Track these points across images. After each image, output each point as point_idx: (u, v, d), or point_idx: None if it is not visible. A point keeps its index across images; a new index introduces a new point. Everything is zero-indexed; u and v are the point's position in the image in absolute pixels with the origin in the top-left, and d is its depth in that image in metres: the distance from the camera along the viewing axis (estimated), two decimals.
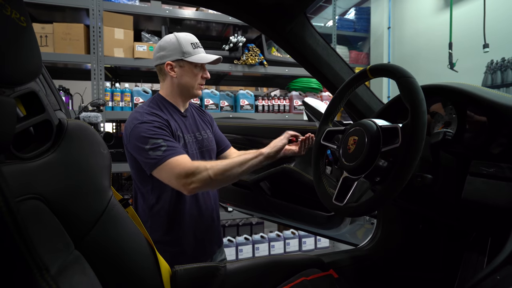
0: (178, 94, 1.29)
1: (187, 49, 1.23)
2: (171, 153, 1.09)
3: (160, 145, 1.09)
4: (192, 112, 1.38)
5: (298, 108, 3.14)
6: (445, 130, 0.78)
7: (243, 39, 2.88)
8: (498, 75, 2.93)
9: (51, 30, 2.48)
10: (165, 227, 1.22)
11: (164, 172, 1.09)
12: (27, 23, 0.53)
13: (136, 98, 2.70)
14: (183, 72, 1.25)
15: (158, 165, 1.08)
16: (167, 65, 1.23)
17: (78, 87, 3.10)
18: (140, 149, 1.10)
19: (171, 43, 1.23)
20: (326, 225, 1.32)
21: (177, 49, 1.22)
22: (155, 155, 1.08)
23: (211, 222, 1.33)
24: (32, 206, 0.53)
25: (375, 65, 0.78)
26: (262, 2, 0.92)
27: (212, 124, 1.45)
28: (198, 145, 1.30)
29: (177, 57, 1.23)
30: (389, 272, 1.14)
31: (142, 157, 1.11)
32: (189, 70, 1.25)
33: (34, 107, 0.58)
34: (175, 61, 1.24)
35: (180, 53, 1.23)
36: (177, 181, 1.07)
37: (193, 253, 1.25)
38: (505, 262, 0.57)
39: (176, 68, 1.24)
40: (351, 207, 0.74)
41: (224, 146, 1.46)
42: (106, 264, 0.66)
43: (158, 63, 1.26)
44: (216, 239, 1.38)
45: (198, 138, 1.32)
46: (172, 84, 1.27)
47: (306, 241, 3.11)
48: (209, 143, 1.35)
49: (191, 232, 1.25)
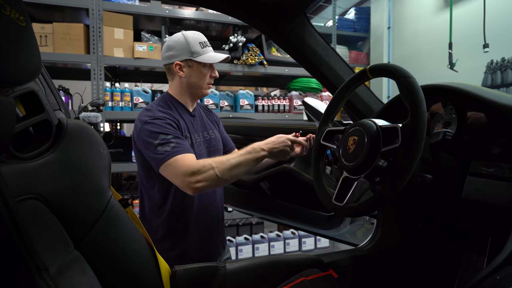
0: (187, 94, 1.28)
1: (196, 49, 1.22)
2: (179, 150, 1.07)
3: (169, 141, 1.08)
4: (200, 111, 1.38)
5: (298, 108, 3.14)
6: (445, 130, 0.78)
7: (243, 39, 2.88)
8: (498, 75, 2.93)
9: (51, 30, 2.48)
10: (171, 228, 1.21)
11: (170, 169, 1.07)
12: (27, 23, 0.53)
13: (136, 98, 2.70)
14: (191, 72, 1.24)
15: (165, 160, 1.06)
16: (175, 65, 1.23)
17: (77, 87, 3.10)
18: (149, 144, 1.09)
19: (180, 43, 1.22)
20: (326, 225, 1.32)
21: (186, 49, 1.21)
22: (163, 150, 1.07)
23: (217, 223, 1.33)
24: (31, 206, 0.53)
25: (375, 65, 0.78)
26: (262, 2, 0.92)
27: (219, 124, 1.45)
28: (206, 144, 1.30)
29: (185, 57, 1.22)
30: (389, 272, 1.14)
31: (150, 152, 1.09)
32: (197, 70, 1.24)
33: (33, 107, 0.58)
34: (183, 61, 1.23)
35: (189, 53, 1.22)
36: (182, 180, 1.05)
37: (198, 253, 1.25)
38: (505, 262, 0.57)
39: (185, 68, 1.23)
40: (351, 207, 0.74)
41: (229, 148, 1.46)
42: (105, 264, 0.66)
43: (167, 63, 1.25)
44: (221, 240, 1.37)
45: (206, 137, 1.31)
46: (180, 83, 1.26)
47: (306, 241, 3.11)
48: (216, 142, 1.35)
49: (197, 233, 1.24)
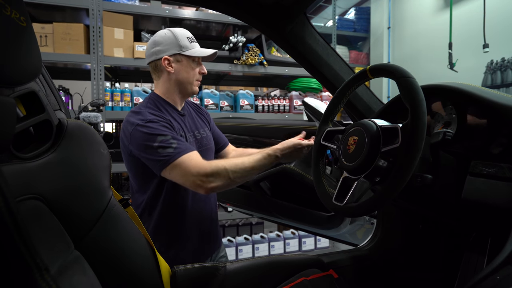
0: (176, 91, 1.24)
1: (184, 43, 1.19)
2: (183, 150, 1.05)
3: (169, 142, 1.05)
4: (189, 109, 1.34)
5: (298, 108, 3.14)
6: (445, 130, 0.78)
7: (243, 39, 2.88)
8: (498, 75, 2.93)
9: (51, 30, 2.48)
10: (163, 230, 1.19)
11: (177, 170, 1.04)
12: (27, 23, 0.53)
13: (136, 98, 2.70)
14: (180, 67, 1.21)
15: (169, 163, 1.03)
16: (164, 60, 1.19)
17: (78, 87, 3.10)
18: (148, 147, 1.05)
19: (167, 37, 1.19)
20: (326, 225, 1.32)
21: (174, 43, 1.18)
22: (166, 152, 1.04)
23: (210, 222, 1.31)
24: (32, 206, 0.53)
25: (375, 65, 0.78)
26: (262, 2, 0.92)
27: (209, 121, 1.41)
28: (198, 144, 1.27)
29: (174, 51, 1.18)
30: (389, 272, 1.14)
31: (150, 155, 1.05)
32: (187, 65, 1.21)
33: (34, 107, 0.58)
34: (172, 56, 1.19)
35: (178, 47, 1.18)
36: (194, 180, 1.02)
37: (191, 254, 1.23)
38: (505, 262, 0.57)
39: (174, 63, 1.20)
40: (351, 207, 0.74)
41: (222, 144, 1.43)
42: (106, 264, 0.66)
43: (154, 59, 1.21)
44: (214, 241, 1.35)
45: (197, 137, 1.28)
46: (169, 80, 1.22)
47: (306, 241, 3.10)
48: (208, 142, 1.32)
49: (190, 233, 1.23)
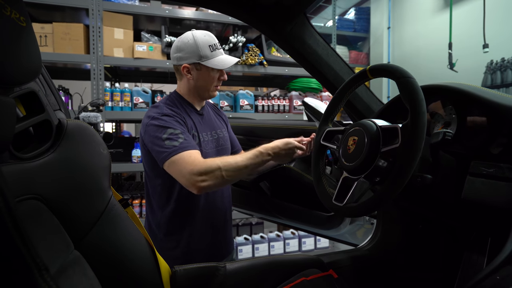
0: (194, 95, 1.28)
1: (205, 53, 1.19)
2: (186, 146, 1.06)
3: (177, 136, 1.07)
4: (209, 110, 1.37)
5: (298, 108, 3.14)
6: (445, 130, 0.78)
7: (243, 39, 2.88)
8: (498, 75, 2.93)
9: (51, 30, 2.48)
10: (176, 226, 1.20)
11: (175, 166, 1.05)
12: (27, 23, 0.53)
13: (136, 98, 2.69)
14: (199, 76, 1.23)
15: (171, 155, 1.04)
16: (183, 68, 1.21)
17: (77, 87, 3.10)
18: (157, 138, 1.08)
19: (189, 45, 1.19)
20: (326, 225, 1.32)
21: (195, 52, 1.19)
22: (171, 145, 1.05)
23: (224, 223, 1.31)
24: (32, 206, 0.53)
25: (375, 65, 0.78)
26: (262, 2, 0.92)
27: (227, 124, 1.45)
28: (215, 143, 1.29)
29: (194, 60, 1.20)
30: (389, 272, 1.14)
31: (157, 146, 1.08)
32: (206, 74, 1.22)
33: (33, 107, 0.58)
34: (191, 64, 1.21)
35: (197, 57, 1.19)
36: (188, 178, 1.03)
37: (202, 253, 1.23)
38: (505, 262, 0.57)
39: (193, 71, 1.22)
40: (351, 207, 0.74)
41: (236, 149, 1.45)
42: (105, 264, 0.66)
43: (175, 64, 1.25)
44: (227, 242, 1.34)
45: (215, 136, 1.31)
46: (188, 85, 1.26)
47: (306, 241, 3.10)
48: (224, 142, 1.35)
49: (201, 232, 1.23)
